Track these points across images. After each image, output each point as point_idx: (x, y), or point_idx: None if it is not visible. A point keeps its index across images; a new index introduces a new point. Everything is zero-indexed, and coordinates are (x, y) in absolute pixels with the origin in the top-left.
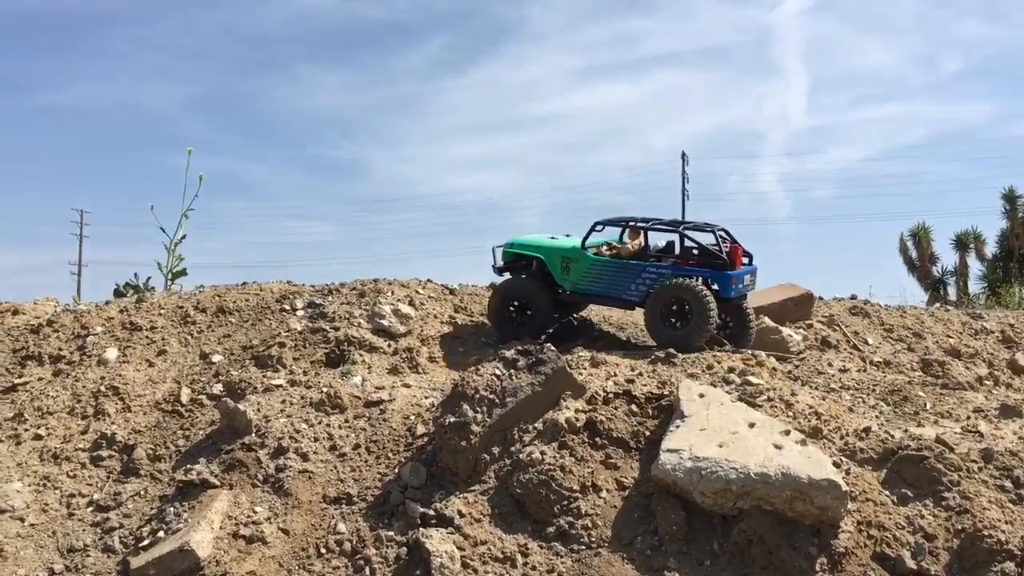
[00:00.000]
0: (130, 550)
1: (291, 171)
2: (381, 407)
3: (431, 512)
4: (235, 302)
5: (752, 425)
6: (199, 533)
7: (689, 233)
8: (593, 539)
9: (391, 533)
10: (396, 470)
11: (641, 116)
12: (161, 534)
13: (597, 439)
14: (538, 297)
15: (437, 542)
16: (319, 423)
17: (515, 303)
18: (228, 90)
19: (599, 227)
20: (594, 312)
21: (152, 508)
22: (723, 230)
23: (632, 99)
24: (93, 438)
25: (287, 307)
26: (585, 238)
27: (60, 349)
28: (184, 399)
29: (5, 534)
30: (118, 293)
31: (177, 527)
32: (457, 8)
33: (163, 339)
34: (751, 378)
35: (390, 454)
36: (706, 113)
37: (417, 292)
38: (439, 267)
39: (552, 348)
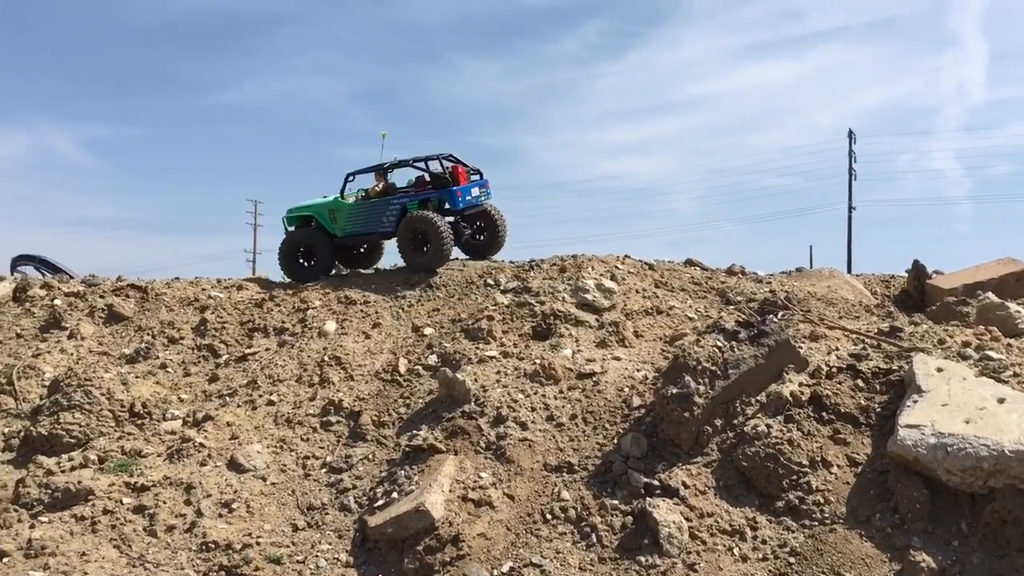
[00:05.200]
0: (365, 509)
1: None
2: (594, 379)
3: (655, 482)
4: (441, 278)
5: (1002, 401)
6: (432, 495)
7: (419, 165)
8: (826, 515)
9: (615, 502)
10: (615, 440)
11: (803, 94)
12: (395, 495)
13: (823, 413)
14: (317, 242)
15: (664, 512)
16: (535, 393)
17: (301, 249)
18: (388, 82)
19: (351, 177)
20: None
21: (381, 471)
22: (449, 156)
23: (793, 77)
24: (321, 404)
25: (491, 282)
26: (342, 190)
27: (283, 322)
28: (402, 369)
29: (250, 492)
30: None
31: (409, 489)
32: None
33: (376, 312)
34: (991, 352)
35: (607, 425)
36: (874, 89)
37: (617, 267)
38: (592, 252)
39: (775, 320)
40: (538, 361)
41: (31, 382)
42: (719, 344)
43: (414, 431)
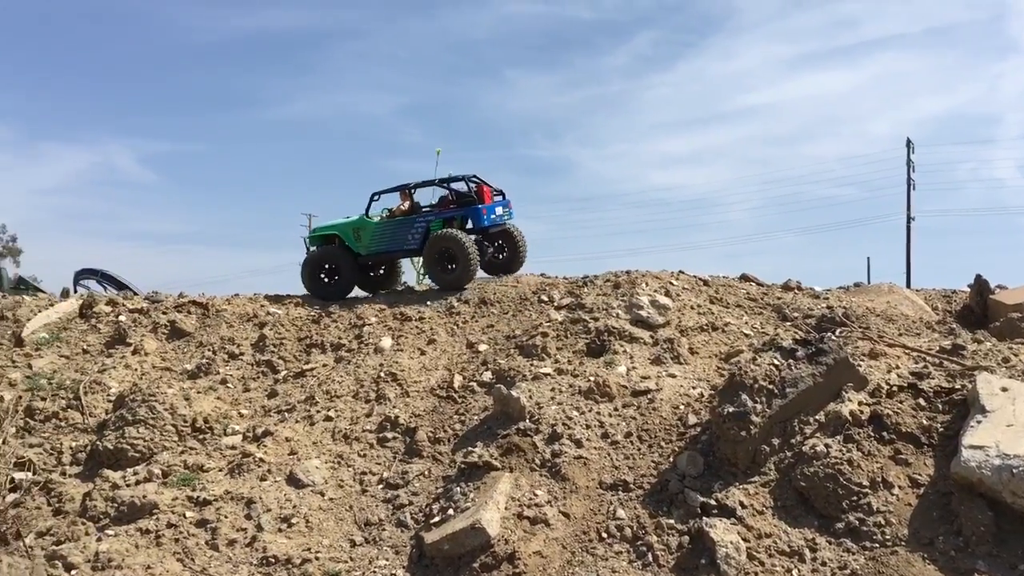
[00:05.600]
0: (421, 526)
1: (500, 172)
2: (649, 396)
3: (712, 502)
4: (495, 294)
5: None
6: (488, 512)
7: (445, 185)
8: (887, 537)
9: (671, 521)
10: (671, 459)
11: (859, 103)
12: (451, 512)
13: (884, 433)
14: (341, 259)
15: (722, 532)
16: (589, 411)
17: (325, 267)
18: (441, 96)
19: (376, 197)
20: None
21: (437, 487)
22: (473, 177)
23: (849, 86)
24: (378, 420)
25: (545, 298)
26: (367, 209)
27: (340, 338)
28: (456, 385)
29: (309, 507)
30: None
31: (465, 506)
32: (665, 3)
33: (432, 329)
34: None
35: (662, 443)
36: (933, 98)
37: (671, 283)
38: (645, 264)
39: (833, 337)
40: (592, 378)
41: (97, 397)
42: (776, 362)
43: (469, 448)
